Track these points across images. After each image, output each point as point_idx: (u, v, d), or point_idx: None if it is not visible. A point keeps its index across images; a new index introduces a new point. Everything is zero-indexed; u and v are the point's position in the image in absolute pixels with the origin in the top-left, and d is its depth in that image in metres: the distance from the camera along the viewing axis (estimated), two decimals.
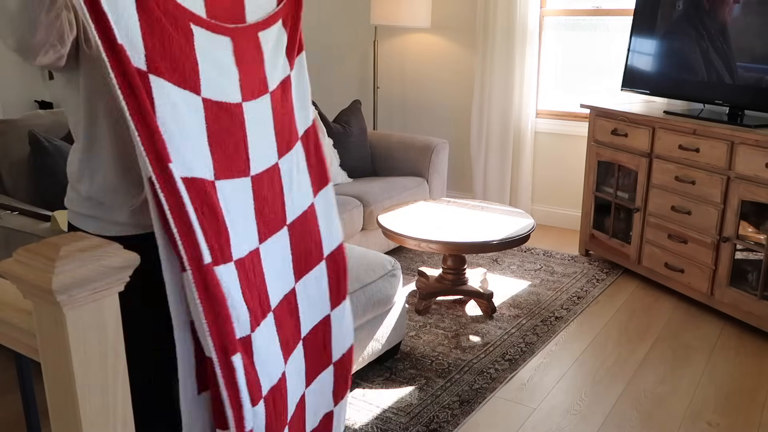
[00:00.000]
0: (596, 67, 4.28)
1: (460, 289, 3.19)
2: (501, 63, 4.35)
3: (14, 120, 2.85)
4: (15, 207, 2.57)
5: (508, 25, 4.28)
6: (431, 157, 4.02)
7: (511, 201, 4.56)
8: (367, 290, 2.40)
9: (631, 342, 2.92)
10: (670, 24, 3.35)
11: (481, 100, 4.48)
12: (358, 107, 4.16)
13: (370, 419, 2.32)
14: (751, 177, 2.87)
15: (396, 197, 3.74)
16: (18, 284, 0.93)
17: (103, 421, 0.97)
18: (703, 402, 2.47)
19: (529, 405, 2.44)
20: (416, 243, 2.94)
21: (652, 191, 3.38)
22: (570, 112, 4.36)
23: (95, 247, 0.93)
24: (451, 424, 2.31)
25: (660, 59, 3.41)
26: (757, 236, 2.94)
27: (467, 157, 4.76)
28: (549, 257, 3.93)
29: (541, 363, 2.74)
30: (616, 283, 3.57)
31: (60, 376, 0.95)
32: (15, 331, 1.04)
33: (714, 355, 2.81)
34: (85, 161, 1.46)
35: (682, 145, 3.18)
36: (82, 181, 1.47)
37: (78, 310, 0.91)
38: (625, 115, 3.50)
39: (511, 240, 2.95)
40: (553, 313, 3.19)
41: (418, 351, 2.80)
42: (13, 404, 2.40)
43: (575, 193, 4.41)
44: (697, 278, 3.17)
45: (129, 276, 0.97)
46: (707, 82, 3.18)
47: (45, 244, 0.92)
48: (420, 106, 4.93)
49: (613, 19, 4.17)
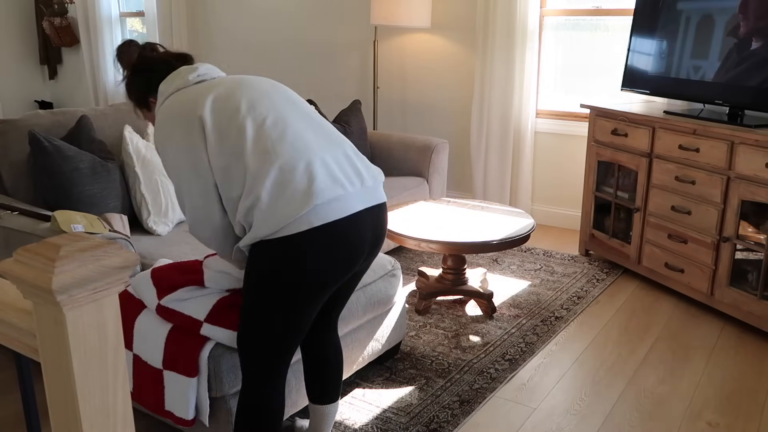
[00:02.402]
0: (596, 67, 4.28)
1: (460, 289, 3.19)
2: (501, 63, 4.35)
3: (14, 120, 2.85)
4: (15, 207, 2.57)
5: (508, 25, 4.28)
6: (431, 157, 4.02)
7: (511, 201, 4.56)
8: (367, 290, 2.40)
9: (631, 342, 2.92)
10: (670, 24, 3.35)
11: (481, 100, 4.48)
12: (358, 107, 4.16)
13: (370, 419, 2.32)
14: (751, 177, 2.87)
15: (396, 197, 3.74)
16: (18, 284, 0.93)
17: (103, 420, 0.97)
18: (703, 402, 2.47)
19: (529, 405, 2.44)
20: (416, 243, 2.94)
21: (652, 191, 3.38)
22: (570, 112, 4.36)
23: (95, 247, 0.93)
24: (451, 424, 2.31)
25: (660, 59, 3.41)
26: (757, 236, 2.94)
27: (467, 157, 4.77)
28: (549, 257, 3.93)
29: (541, 363, 2.74)
30: (616, 283, 3.57)
31: (60, 376, 0.95)
32: (15, 331, 1.04)
33: (714, 355, 2.81)
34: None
35: (682, 145, 3.18)
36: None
37: (78, 310, 0.91)
38: (625, 115, 3.50)
39: (511, 240, 2.95)
40: (553, 313, 3.19)
41: (418, 351, 2.80)
42: (13, 404, 2.40)
43: (575, 193, 4.41)
44: (697, 278, 3.17)
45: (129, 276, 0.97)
46: (707, 82, 3.18)
47: (45, 244, 0.92)
48: (420, 106, 4.93)
49: (613, 19, 4.17)
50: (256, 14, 5.56)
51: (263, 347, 1.70)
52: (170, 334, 1.94)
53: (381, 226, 1.77)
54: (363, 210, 1.68)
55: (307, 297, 1.65)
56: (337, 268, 1.65)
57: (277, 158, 1.60)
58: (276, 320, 1.66)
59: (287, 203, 1.56)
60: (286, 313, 1.65)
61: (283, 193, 1.57)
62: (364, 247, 1.70)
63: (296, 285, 1.62)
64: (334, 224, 1.60)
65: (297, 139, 1.64)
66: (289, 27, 5.37)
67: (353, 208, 1.65)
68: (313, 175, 1.60)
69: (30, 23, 6.92)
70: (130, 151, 2.93)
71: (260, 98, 1.69)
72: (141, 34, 6.56)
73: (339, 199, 1.62)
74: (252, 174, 1.59)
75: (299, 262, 1.59)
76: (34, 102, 7.11)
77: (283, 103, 1.72)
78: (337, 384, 2.03)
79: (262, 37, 5.57)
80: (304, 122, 1.71)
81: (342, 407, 2.39)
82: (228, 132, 1.63)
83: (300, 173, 1.59)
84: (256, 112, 1.66)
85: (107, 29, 6.41)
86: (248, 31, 5.64)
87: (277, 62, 5.53)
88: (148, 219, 2.91)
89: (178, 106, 1.69)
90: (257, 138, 1.62)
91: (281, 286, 1.62)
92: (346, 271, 1.69)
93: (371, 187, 1.74)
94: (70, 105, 7.06)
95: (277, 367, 1.73)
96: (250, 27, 5.62)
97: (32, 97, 7.10)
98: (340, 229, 1.62)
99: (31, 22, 6.93)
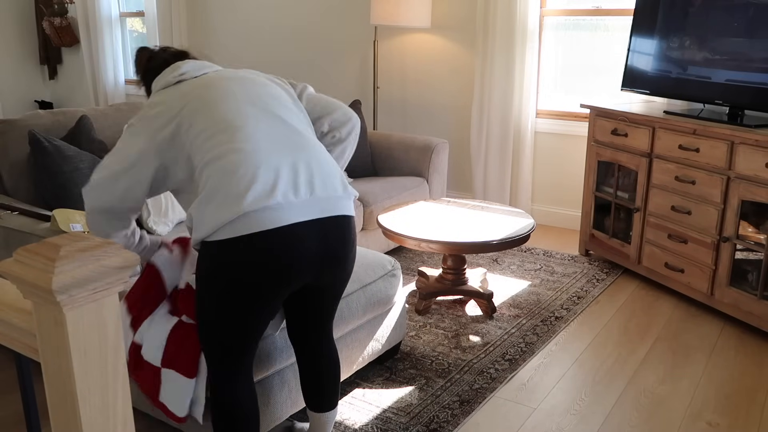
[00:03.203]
0: (596, 67, 4.28)
1: (460, 289, 3.19)
2: (501, 63, 4.35)
3: (14, 120, 2.85)
4: (15, 207, 2.57)
5: (508, 25, 4.28)
6: (431, 157, 4.02)
7: (511, 201, 4.56)
8: (367, 290, 2.40)
9: (631, 342, 2.92)
10: (670, 24, 3.35)
11: (481, 100, 4.48)
12: (358, 107, 4.16)
13: (370, 419, 2.32)
14: (751, 177, 2.87)
15: (396, 197, 3.74)
16: (18, 284, 0.93)
17: (103, 421, 0.97)
18: (703, 402, 2.47)
19: (529, 405, 2.44)
20: (416, 243, 2.94)
21: (652, 191, 3.38)
22: (570, 112, 4.36)
23: (95, 247, 0.93)
24: (451, 424, 2.31)
25: (660, 59, 3.41)
26: (757, 236, 2.94)
27: (467, 157, 4.77)
28: (549, 257, 3.93)
29: (541, 363, 2.74)
30: (616, 283, 3.57)
31: (60, 376, 0.95)
32: (15, 331, 1.05)
33: (714, 355, 2.81)
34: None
35: (682, 145, 3.18)
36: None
37: (78, 310, 0.91)
38: (625, 115, 3.50)
39: (511, 240, 2.95)
40: (553, 313, 3.19)
41: (418, 351, 2.80)
42: (13, 404, 2.40)
43: (575, 193, 4.42)
44: (697, 278, 3.17)
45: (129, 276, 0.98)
46: (707, 82, 3.18)
47: (45, 244, 0.92)
48: (420, 106, 4.93)
49: (613, 19, 4.17)
50: (256, 14, 5.56)
51: (214, 345, 1.73)
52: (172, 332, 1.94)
53: (334, 239, 1.69)
54: (303, 222, 1.61)
55: (242, 304, 1.63)
56: (268, 281, 1.61)
57: (221, 161, 1.61)
58: (219, 320, 1.68)
59: (218, 208, 1.57)
60: (227, 315, 1.66)
61: (215, 197, 1.58)
62: (302, 261, 1.63)
63: (228, 291, 1.62)
64: (259, 235, 1.56)
65: (250, 143, 1.64)
66: (289, 27, 5.37)
67: (288, 220, 1.59)
68: (253, 180, 1.58)
69: (30, 23, 6.93)
70: None
71: (224, 98, 1.73)
72: (141, 34, 6.56)
73: (273, 209, 1.57)
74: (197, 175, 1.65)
75: (229, 269, 1.59)
76: (34, 102, 7.11)
77: (247, 105, 1.73)
78: (334, 392, 2.02)
79: (262, 38, 5.57)
80: (267, 126, 1.70)
81: (342, 407, 2.39)
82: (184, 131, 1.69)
83: (239, 177, 1.58)
84: (214, 114, 1.69)
85: (107, 29, 6.41)
86: (248, 32, 5.64)
87: (278, 62, 5.53)
88: (148, 219, 2.91)
89: (155, 102, 1.79)
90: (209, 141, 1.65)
91: (217, 288, 1.63)
92: (280, 284, 1.64)
93: (322, 198, 1.66)
94: (70, 105, 7.06)
95: (233, 364, 1.75)
96: (250, 27, 5.62)
97: (32, 97, 7.10)
98: (267, 240, 1.57)
99: (31, 22, 6.93)
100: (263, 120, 1.71)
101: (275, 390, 2.11)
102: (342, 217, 1.71)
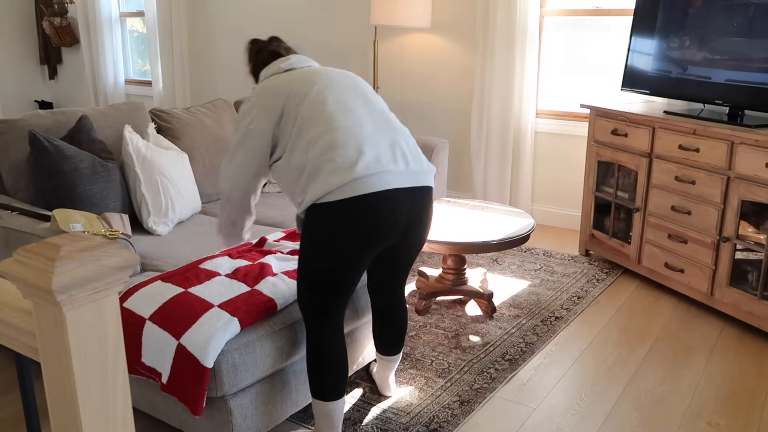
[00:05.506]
0: (596, 67, 4.29)
1: (460, 289, 3.19)
2: (501, 63, 4.35)
3: (14, 120, 2.85)
4: (15, 207, 2.57)
5: (508, 25, 4.28)
6: (431, 157, 4.02)
7: (511, 201, 4.56)
8: (367, 290, 2.40)
9: (631, 342, 2.92)
10: (670, 24, 3.35)
11: (481, 100, 4.48)
12: None
13: (370, 419, 2.32)
14: (751, 177, 2.87)
15: None
16: (18, 284, 0.93)
17: (103, 421, 0.97)
18: (703, 402, 2.47)
19: (529, 405, 2.44)
20: None
21: (652, 191, 3.38)
22: (570, 112, 4.36)
23: (95, 247, 0.93)
24: (451, 424, 2.31)
25: (660, 59, 3.41)
26: (757, 236, 2.94)
27: (467, 157, 4.77)
28: (549, 257, 3.93)
29: (541, 363, 2.74)
30: (616, 283, 3.57)
31: (60, 376, 0.95)
32: (15, 331, 1.04)
33: (714, 355, 2.81)
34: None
35: (682, 145, 3.18)
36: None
37: (78, 310, 0.91)
38: (625, 115, 3.50)
39: (511, 240, 2.95)
40: (553, 313, 3.19)
41: (418, 351, 2.80)
42: (13, 404, 2.40)
43: (575, 193, 4.42)
44: (697, 278, 3.17)
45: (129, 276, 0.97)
46: (707, 82, 3.18)
47: (45, 244, 0.92)
48: (420, 106, 4.93)
49: (613, 19, 4.17)
50: (256, 15, 5.56)
51: (315, 298, 1.97)
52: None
53: (419, 206, 1.98)
54: (400, 188, 1.90)
55: (348, 252, 1.89)
56: (375, 233, 1.89)
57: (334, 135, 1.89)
58: (318, 273, 1.93)
59: (329, 174, 1.84)
60: (325, 268, 1.92)
61: (326, 165, 1.86)
62: (396, 222, 1.91)
63: (336, 243, 1.88)
64: (370, 195, 1.85)
65: (354, 122, 1.94)
66: (289, 27, 5.37)
67: (392, 184, 1.88)
68: (360, 152, 1.87)
69: (30, 23, 6.93)
70: (130, 151, 2.93)
71: (331, 85, 2.02)
72: (141, 34, 6.56)
73: (380, 175, 1.87)
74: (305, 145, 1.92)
75: (343, 222, 1.86)
76: (34, 102, 7.11)
77: (350, 91, 2.03)
78: (400, 339, 2.32)
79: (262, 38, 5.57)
80: (366, 109, 2.01)
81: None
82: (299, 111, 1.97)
83: (349, 150, 1.87)
84: (324, 96, 1.98)
85: (107, 29, 6.41)
86: (248, 32, 5.64)
87: None
88: (148, 219, 2.91)
89: (268, 87, 2.08)
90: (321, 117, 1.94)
91: (321, 244, 1.90)
92: (380, 238, 1.91)
93: (415, 171, 1.96)
94: (70, 105, 7.06)
95: (326, 316, 1.98)
96: (250, 27, 5.62)
97: (32, 97, 7.10)
98: (377, 199, 1.86)
99: (31, 22, 6.93)
100: (361, 104, 2.02)
101: (275, 390, 2.12)
102: (428, 188, 2.02)
